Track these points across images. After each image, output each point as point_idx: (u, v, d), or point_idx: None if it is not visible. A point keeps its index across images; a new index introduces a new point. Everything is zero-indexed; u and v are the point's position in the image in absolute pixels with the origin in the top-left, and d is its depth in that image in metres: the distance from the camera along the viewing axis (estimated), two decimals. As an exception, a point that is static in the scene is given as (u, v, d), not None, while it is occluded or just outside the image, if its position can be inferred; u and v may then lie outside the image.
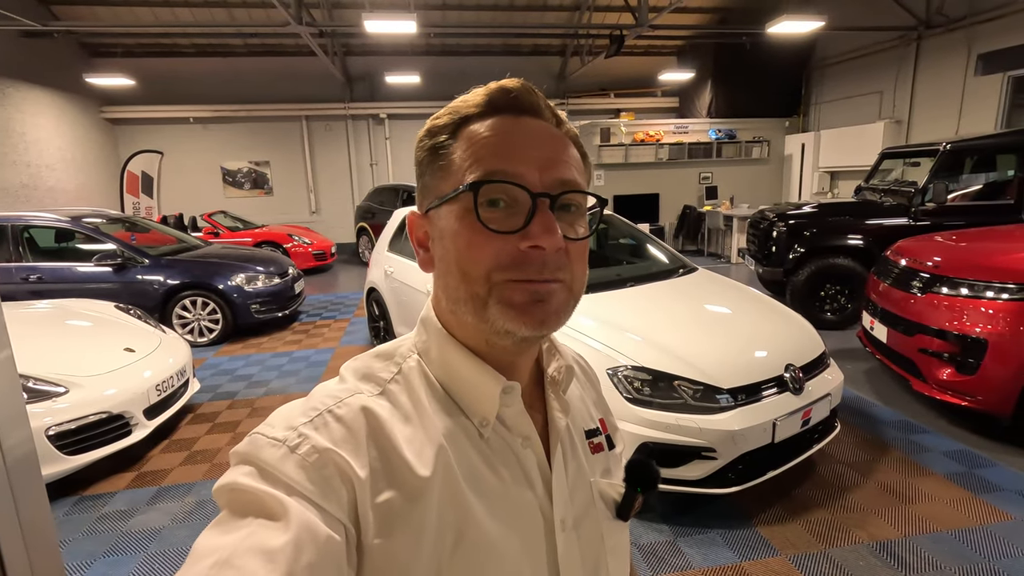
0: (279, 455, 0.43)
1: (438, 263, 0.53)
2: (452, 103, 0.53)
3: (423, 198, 0.55)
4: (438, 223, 0.52)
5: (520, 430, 0.54)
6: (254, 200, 12.05)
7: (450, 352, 0.53)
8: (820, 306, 5.35)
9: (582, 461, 0.60)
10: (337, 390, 0.51)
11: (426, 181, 0.54)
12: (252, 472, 0.43)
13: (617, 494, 0.61)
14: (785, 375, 2.52)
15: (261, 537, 0.39)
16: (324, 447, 0.44)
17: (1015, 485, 2.68)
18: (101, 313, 3.86)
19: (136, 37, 10.47)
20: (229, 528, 0.41)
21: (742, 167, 10.95)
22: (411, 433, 0.49)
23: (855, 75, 9.66)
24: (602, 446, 0.64)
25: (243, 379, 4.55)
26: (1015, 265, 3.06)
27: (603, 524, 0.59)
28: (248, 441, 0.46)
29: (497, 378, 0.52)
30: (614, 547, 0.60)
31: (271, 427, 0.46)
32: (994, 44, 7.21)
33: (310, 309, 6.93)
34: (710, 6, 10.36)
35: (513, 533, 0.51)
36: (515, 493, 0.52)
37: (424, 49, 11.43)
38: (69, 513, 2.73)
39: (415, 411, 0.51)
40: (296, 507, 0.41)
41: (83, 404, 2.87)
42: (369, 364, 0.54)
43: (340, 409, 0.48)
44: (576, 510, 0.56)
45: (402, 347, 0.56)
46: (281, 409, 0.49)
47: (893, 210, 5.24)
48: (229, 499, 0.43)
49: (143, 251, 5.52)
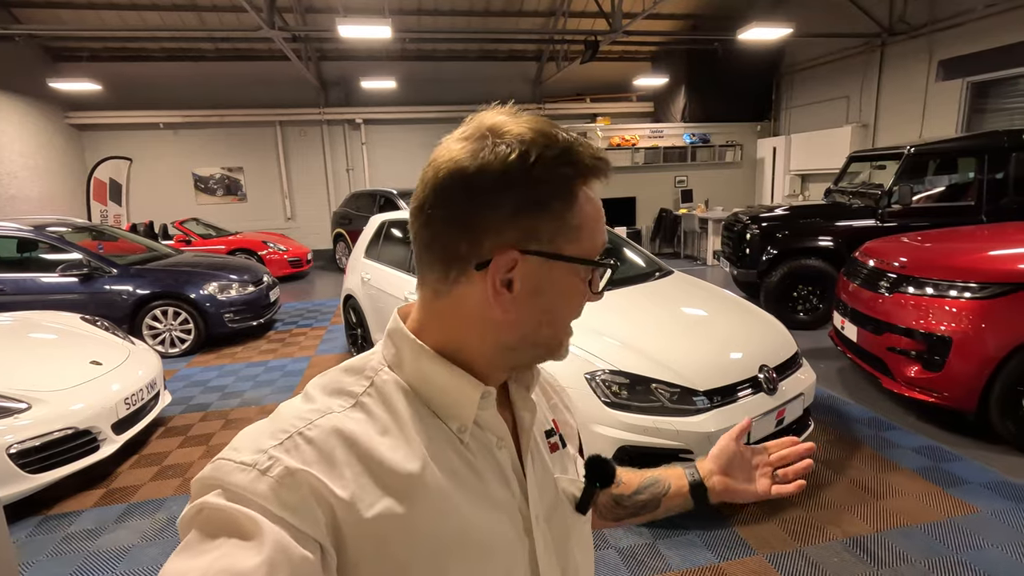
0: (249, 478, 0.43)
1: (531, 309, 0.52)
2: (565, 140, 0.50)
3: (527, 237, 0.50)
4: (546, 274, 0.52)
5: (495, 430, 0.56)
6: (227, 207, 11.83)
7: (425, 362, 0.53)
8: (793, 307, 5.46)
9: (546, 459, 0.63)
10: (305, 411, 0.49)
11: (545, 224, 0.50)
12: (221, 494, 0.43)
13: (577, 489, 0.64)
14: (759, 376, 2.56)
15: (233, 559, 0.38)
16: (296, 468, 0.44)
17: (979, 478, 2.76)
18: (66, 325, 3.74)
19: (102, 41, 10.21)
20: (200, 550, 0.40)
21: (716, 171, 11.14)
22: (391, 443, 0.49)
23: (823, 80, 9.92)
24: (557, 445, 0.67)
25: (216, 390, 4.45)
26: (977, 265, 3.16)
27: (568, 519, 0.62)
28: (212, 467, 0.45)
29: (476, 385, 0.53)
30: (578, 539, 0.63)
31: (236, 451, 0.45)
32: (954, 51, 7.48)
33: (286, 317, 6.82)
34: (683, 13, 10.53)
35: (500, 531, 0.53)
36: (497, 492, 0.54)
37: (400, 54, 11.38)
38: (33, 534, 2.63)
39: (393, 421, 0.51)
40: (270, 526, 0.40)
41: (47, 420, 2.78)
42: (339, 379, 0.54)
43: (311, 431, 0.47)
44: (546, 506, 0.59)
45: (371, 361, 0.56)
46: (245, 431, 0.48)
47: (861, 212, 5.38)
48: (199, 520, 0.42)
49: (111, 260, 5.37)
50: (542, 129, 0.50)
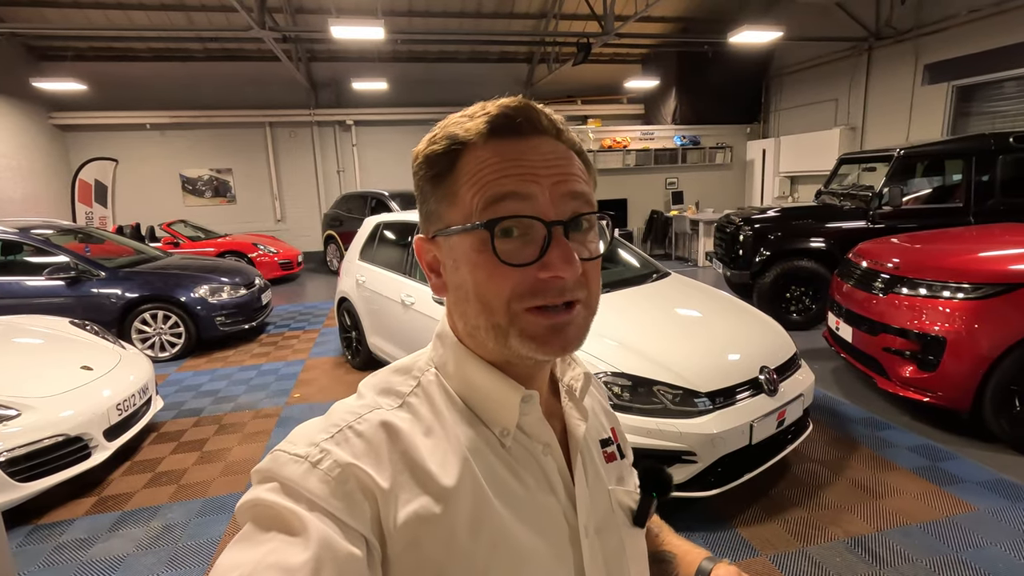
0: (301, 471, 0.44)
1: (454, 290, 0.53)
2: (448, 126, 0.51)
3: (428, 224, 0.53)
4: (450, 251, 0.51)
5: (540, 437, 0.55)
6: (216, 209, 11.69)
7: (468, 365, 0.53)
8: (786, 307, 5.50)
9: (599, 469, 0.61)
10: (356, 406, 0.51)
11: (431, 208, 0.52)
12: (275, 488, 0.44)
13: (633, 501, 0.62)
14: (760, 377, 2.57)
15: (283, 554, 0.40)
16: (346, 462, 0.45)
17: (975, 476, 2.80)
18: (54, 330, 3.66)
19: (88, 40, 10.04)
20: (252, 543, 0.42)
21: (706, 172, 11.22)
22: (433, 444, 0.49)
23: (812, 83, 10.04)
24: (615, 455, 0.65)
25: (209, 394, 4.39)
26: (970, 266, 3.20)
27: (622, 531, 0.60)
28: (270, 458, 0.47)
29: (516, 388, 0.52)
30: (634, 554, 0.61)
31: (292, 444, 0.47)
32: (939, 55, 7.60)
33: (278, 320, 6.74)
34: (674, 16, 10.60)
35: (541, 539, 0.51)
36: (540, 499, 0.53)
37: (391, 55, 11.33)
38: (23, 544, 2.56)
39: (437, 422, 0.51)
40: (316, 523, 0.41)
41: (37, 427, 2.71)
42: (388, 379, 0.55)
43: (360, 425, 0.48)
44: (597, 517, 0.57)
45: (419, 361, 0.57)
46: (302, 426, 0.50)
47: (852, 213, 5.43)
48: (253, 514, 0.44)
49: (98, 263, 5.28)
50: (446, 121, 0.52)
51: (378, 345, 4.27)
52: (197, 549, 2.46)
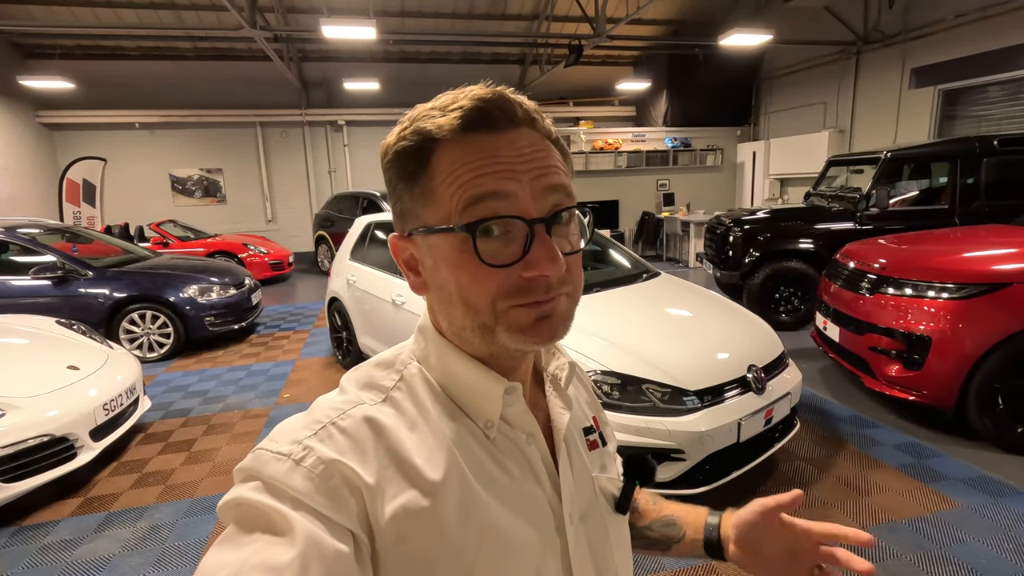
0: (284, 468, 0.44)
1: (436, 290, 0.52)
2: (418, 119, 0.49)
3: (404, 221, 0.52)
4: (429, 250, 0.50)
5: (524, 427, 0.55)
6: (206, 208, 11.61)
7: (450, 359, 0.53)
8: (775, 308, 5.54)
9: (583, 457, 0.61)
10: (339, 402, 0.50)
11: (405, 206, 0.51)
12: (258, 487, 0.44)
13: (616, 488, 0.63)
14: (748, 375, 2.59)
15: (268, 553, 0.39)
16: (330, 458, 0.45)
17: (959, 473, 2.83)
18: (40, 329, 3.62)
19: (76, 38, 9.94)
20: (237, 544, 0.41)
21: (697, 174, 11.29)
22: (418, 438, 0.49)
23: (801, 86, 10.13)
24: (597, 443, 0.65)
25: (198, 395, 4.36)
26: (954, 266, 3.25)
27: (606, 518, 0.61)
28: (252, 457, 0.46)
29: (499, 380, 0.52)
30: (617, 539, 0.62)
31: (275, 442, 0.46)
32: (925, 59, 7.70)
33: (268, 320, 6.71)
34: (665, 18, 10.67)
35: (528, 527, 0.52)
36: (525, 489, 0.53)
37: (383, 56, 11.31)
38: (8, 545, 2.53)
39: (420, 416, 0.51)
40: (301, 522, 0.41)
41: (22, 427, 2.68)
42: (370, 373, 0.54)
43: (343, 420, 0.48)
44: (582, 504, 0.58)
45: (401, 355, 0.56)
46: (284, 424, 0.50)
47: (840, 215, 5.49)
48: (236, 514, 0.44)
49: (86, 263, 5.23)
50: (415, 112, 0.50)
51: (369, 345, 4.26)
52: (184, 550, 2.44)
